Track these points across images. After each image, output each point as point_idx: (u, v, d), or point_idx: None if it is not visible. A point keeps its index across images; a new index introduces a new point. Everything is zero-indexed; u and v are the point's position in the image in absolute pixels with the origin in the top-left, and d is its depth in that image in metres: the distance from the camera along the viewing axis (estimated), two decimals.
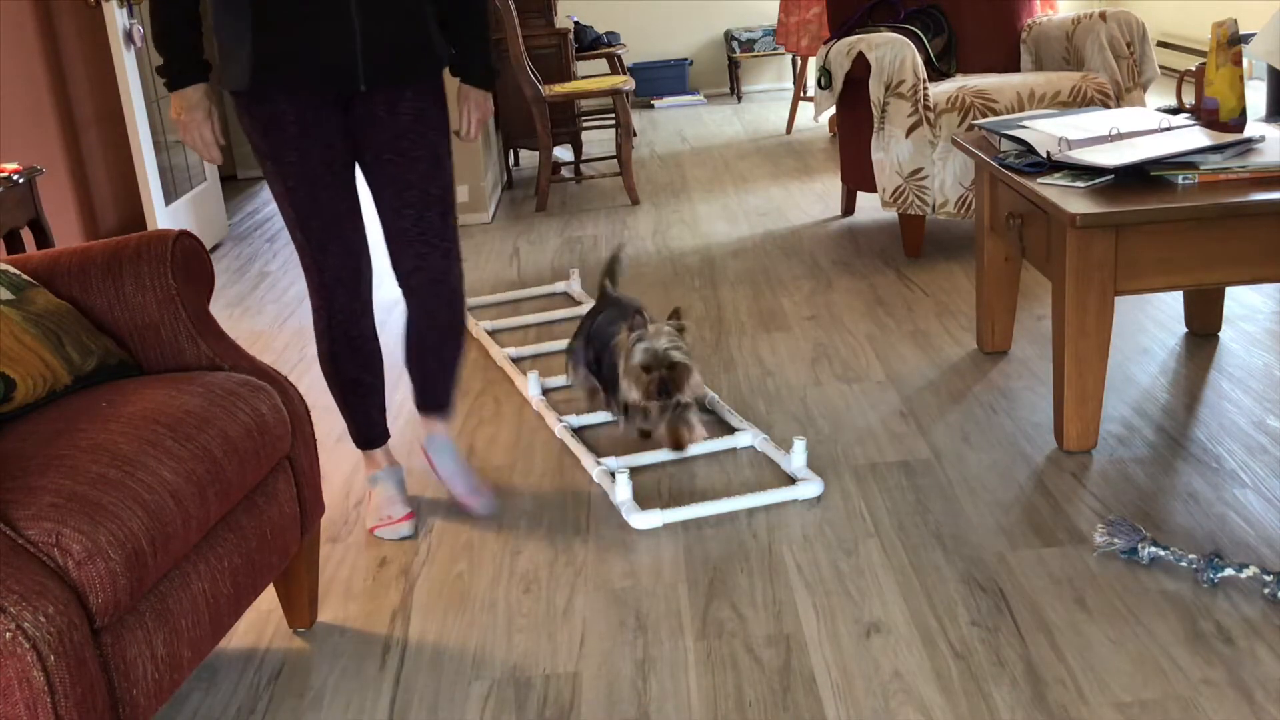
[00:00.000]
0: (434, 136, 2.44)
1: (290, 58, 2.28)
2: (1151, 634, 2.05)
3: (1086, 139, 2.85)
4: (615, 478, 2.66)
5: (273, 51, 2.27)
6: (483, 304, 4.19)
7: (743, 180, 5.86)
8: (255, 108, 2.33)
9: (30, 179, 3.70)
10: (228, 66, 2.31)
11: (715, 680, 2.03)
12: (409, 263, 2.48)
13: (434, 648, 2.20)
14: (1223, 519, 2.40)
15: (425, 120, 2.43)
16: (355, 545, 2.59)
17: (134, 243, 2.15)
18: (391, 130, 2.41)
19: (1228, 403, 2.93)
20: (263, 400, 2.03)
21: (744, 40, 8.43)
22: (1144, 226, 2.54)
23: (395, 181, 2.43)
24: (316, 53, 2.29)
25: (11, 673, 1.47)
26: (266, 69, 2.28)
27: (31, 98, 4.40)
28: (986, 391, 3.12)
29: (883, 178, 4.16)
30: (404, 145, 2.42)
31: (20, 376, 1.91)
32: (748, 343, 3.60)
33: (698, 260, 4.53)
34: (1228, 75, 2.92)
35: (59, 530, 1.56)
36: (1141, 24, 4.30)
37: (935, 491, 2.61)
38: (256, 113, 2.33)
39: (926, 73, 4.19)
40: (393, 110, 2.40)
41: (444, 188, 2.47)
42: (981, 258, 3.27)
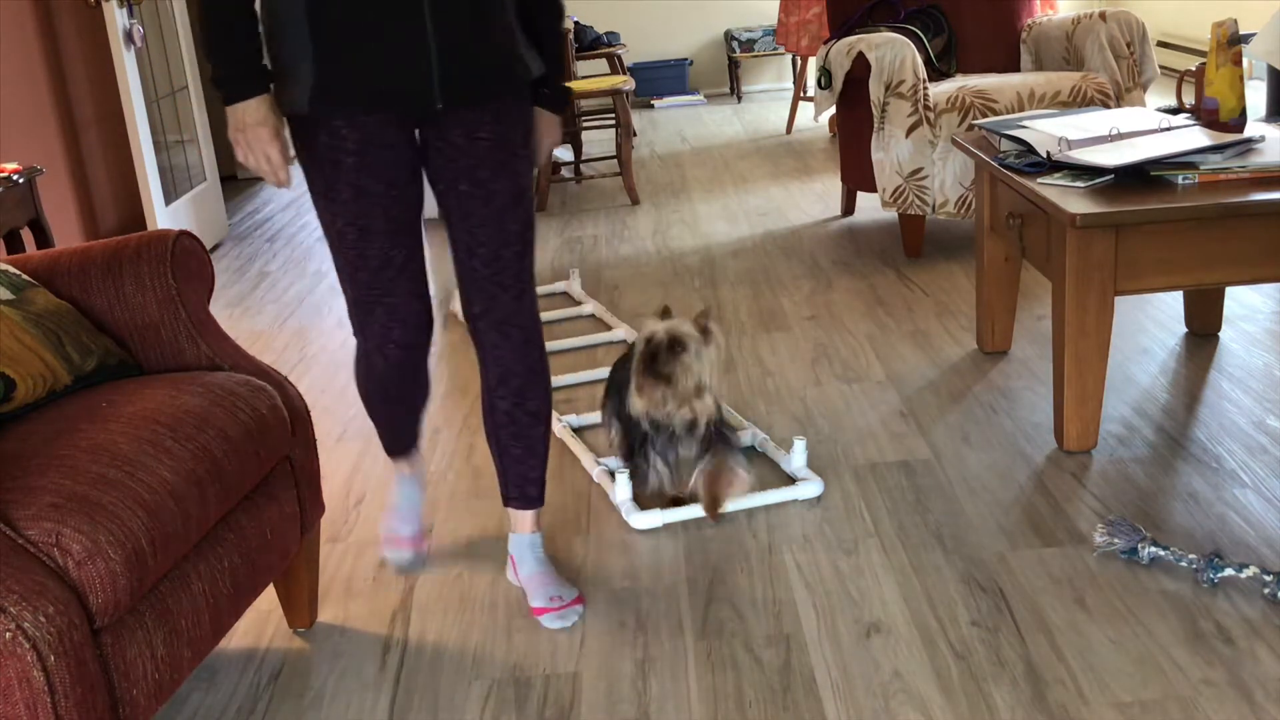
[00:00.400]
0: (517, 166, 2.13)
1: (357, 75, 1.97)
2: (1151, 634, 2.05)
3: (1086, 139, 2.85)
4: (615, 478, 2.66)
5: (337, 68, 1.97)
6: None
7: (743, 180, 5.86)
8: (313, 134, 2.02)
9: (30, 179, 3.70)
10: (284, 86, 2.01)
11: (715, 680, 2.03)
12: (477, 304, 2.17)
13: (434, 648, 2.20)
14: (1223, 519, 2.40)
15: (507, 147, 2.11)
16: (355, 545, 2.59)
17: (134, 243, 2.15)
18: (469, 159, 2.09)
19: (1228, 403, 2.93)
20: (263, 400, 2.03)
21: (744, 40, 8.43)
22: (1144, 226, 2.54)
23: (469, 217, 2.12)
24: (388, 67, 1.98)
25: (11, 673, 1.47)
26: (329, 89, 1.98)
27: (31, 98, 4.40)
28: (986, 391, 3.12)
29: (883, 178, 4.16)
30: (482, 176, 2.10)
31: (20, 376, 1.91)
32: (748, 343, 3.60)
33: (698, 260, 4.53)
34: (1228, 75, 2.92)
35: (59, 530, 1.56)
36: (1141, 24, 4.31)
37: (935, 491, 2.61)
38: (313, 140, 2.02)
39: (926, 73, 4.19)
40: (471, 136, 2.08)
41: (523, 224, 2.15)
42: (981, 258, 3.27)
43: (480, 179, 2.10)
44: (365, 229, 2.05)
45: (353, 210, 2.04)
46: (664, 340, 2.34)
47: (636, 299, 4.11)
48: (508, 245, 2.14)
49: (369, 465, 2.97)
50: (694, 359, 2.37)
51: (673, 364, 2.36)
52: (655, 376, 2.37)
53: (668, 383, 2.36)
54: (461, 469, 2.90)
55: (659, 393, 2.38)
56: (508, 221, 2.13)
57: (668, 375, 2.35)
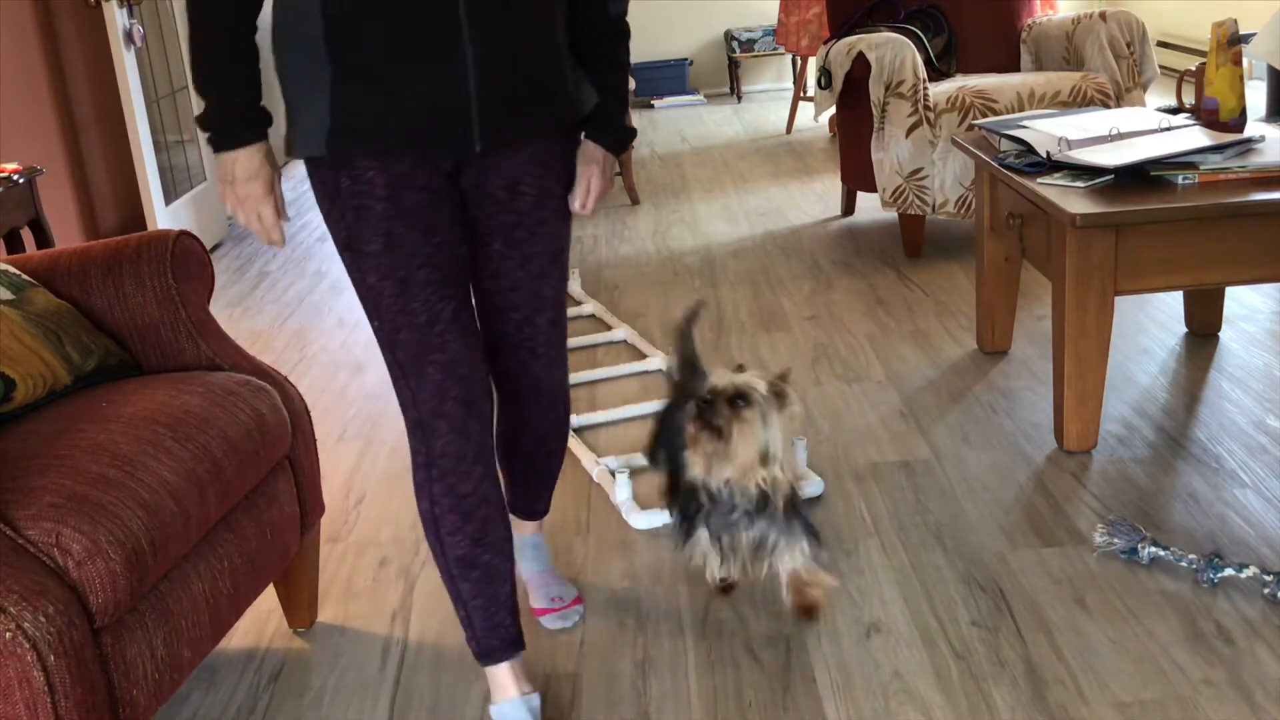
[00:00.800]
0: (556, 225, 1.90)
1: (384, 110, 1.68)
2: (1151, 634, 2.05)
3: (1086, 139, 2.85)
4: (615, 477, 2.66)
5: (359, 104, 1.68)
6: None
7: (743, 180, 5.86)
8: (332, 178, 1.73)
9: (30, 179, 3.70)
10: (297, 125, 1.72)
11: (715, 680, 2.03)
12: (505, 366, 1.99)
13: (434, 648, 2.20)
14: (1223, 519, 2.40)
15: (548, 205, 1.88)
16: (355, 545, 2.59)
17: (134, 243, 2.15)
18: (508, 215, 1.86)
19: (1228, 403, 2.93)
20: (263, 400, 2.03)
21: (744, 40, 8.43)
22: (1144, 226, 2.54)
23: (500, 278, 1.90)
24: (419, 101, 1.68)
25: (11, 673, 1.47)
26: (350, 128, 1.69)
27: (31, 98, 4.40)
28: (986, 391, 3.12)
29: (883, 178, 4.16)
30: (519, 236, 1.87)
31: (20, 376, 1.91)
32: (748, 343, 3.60)
33: (698, 260, 4.53)
34: (1228, 75, 2.92)
35: (59, 530, 1.56)
36: (1141, 24, 4.31)
37: (935, 491, 2.61)
38: (333, 185, 1.73)
39: (926, 73, 4.19)
40: (513, 189, 1.84)
41: (558, 287, 1.95)
42: (981, 258, 3.27)
43: (517, 239, 1.87)
44: (404, 281, 1.75)
45: (386, 263, 1.74)
46: (727, 391, 2.00)
47: (636, 299, 4.11)
48: (541, 311, 1.94)
49: (369, 465, 2.97)
50: (757, 419, 2.00)
51: (729, 419, 1.99)
52: (707, 427, 2.00)
53: (718, 437, 2.00)
54: None
55: (710, 448, 2.02)
56: (543, 286, 1.92)
57: (719, 429, 1.99)
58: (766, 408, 2.01)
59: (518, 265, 1.89)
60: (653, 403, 3.14)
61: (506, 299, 1.92)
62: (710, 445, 2.01)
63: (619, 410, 3.12)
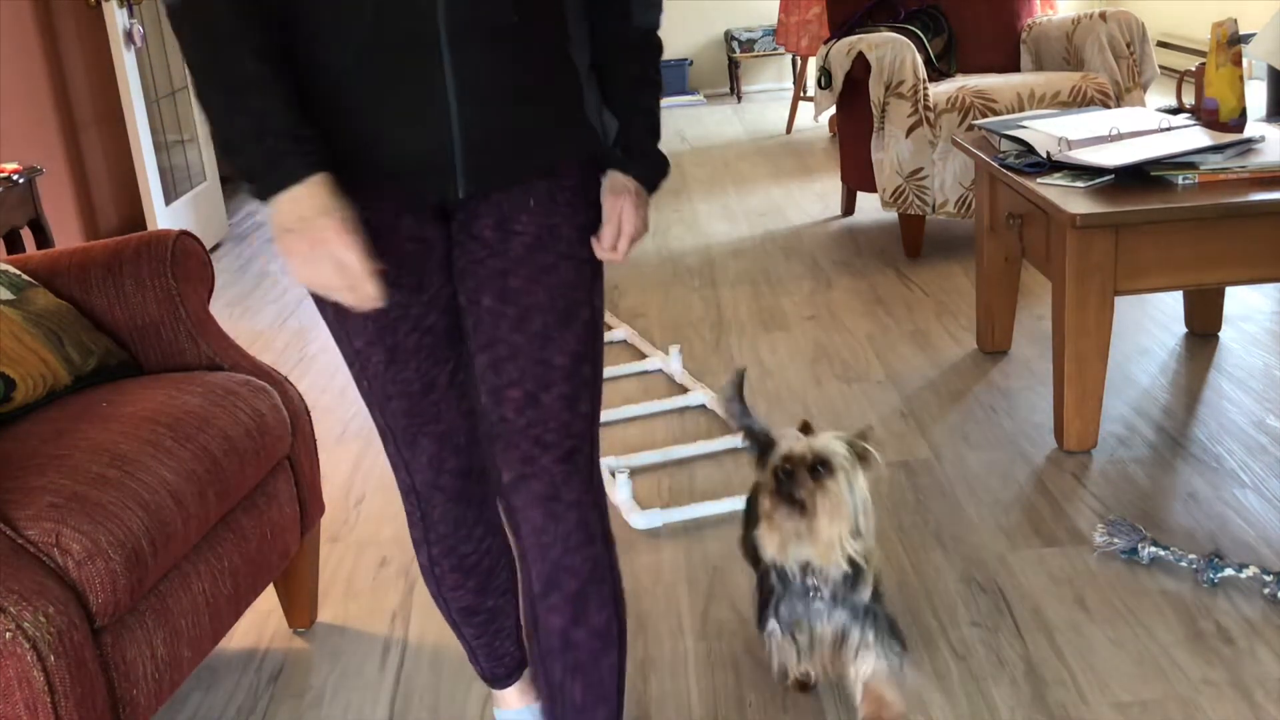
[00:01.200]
0: (567, 273, 1.50)
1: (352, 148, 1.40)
2: (1151, 634, 2.05)
3: (1086, 139, 2.85)
4: (615, 478, 2.66)
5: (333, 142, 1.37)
6: None
7: (743, 180, 5.86)
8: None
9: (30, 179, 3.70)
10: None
11: (715, 680, 2.03)
12: (508, 469, 1.51)
13: (434, 648, 2.20)
14: (1223, 519, 2.40)
15: (553, 247, 1.49)
16: (355, 545, 2.59)
17: (134, 243, 2.15)
18: (498, 261, 1.49)
19: (1228, 403, 2.93)
20: (263, 400, 2.03)
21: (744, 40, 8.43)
22: (1144, 226, 2.54)
23: (494, 345, 1.50)
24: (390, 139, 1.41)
25: (11, 673, 1.47)
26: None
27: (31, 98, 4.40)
28: (986, 391, 3.12)
29: (883, 178, 4.16)
30: (513, 286, 1.48)
31: (20, 376, 1.91)
32: (748, 343, 3.60)
33: (698, 260, 4.53)
34: (1228, 75, 2.92)
35: (59, 530, 1.56)
36: (1141, 24, 4.31)
37: (935, 491, 2.61)
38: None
39: (926, 73, 4.19)
40: (505, 228, 1.48)
41: (574, 355, 1.51)
42: (981, 258, 3.27)
43: (510, 291, 1.48)
44: (394, 349, 1.51)
45: (372, 327, 1.50)
46: (806, 458, 1.73)
47: (636, 299, 4.11)
48: (549, 386, 1.50)
49: (369, 465, 2.97)
50: (843, 489, 1.74)
51: (812, 490, 1.73)
52: (789, 502, 1.73)
53: (801, 513, 1.73)
54: None
55: (791, 525, 1.74)
56: (550, 352, 1.49)
57: (801, 503, 1.72)
58: (851, 473, 1.75)
59: (513, 325, 1.48)
60: (652, 402, 3.15)
61: (503, 373, 1.50)
62: (790, 522, 1.74)
63: (619, 410, 3.12)
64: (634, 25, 1.53)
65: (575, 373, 1.51)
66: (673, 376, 3.34)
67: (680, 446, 2.89)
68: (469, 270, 1.51)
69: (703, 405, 3.15)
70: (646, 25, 1.55)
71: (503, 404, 1.51)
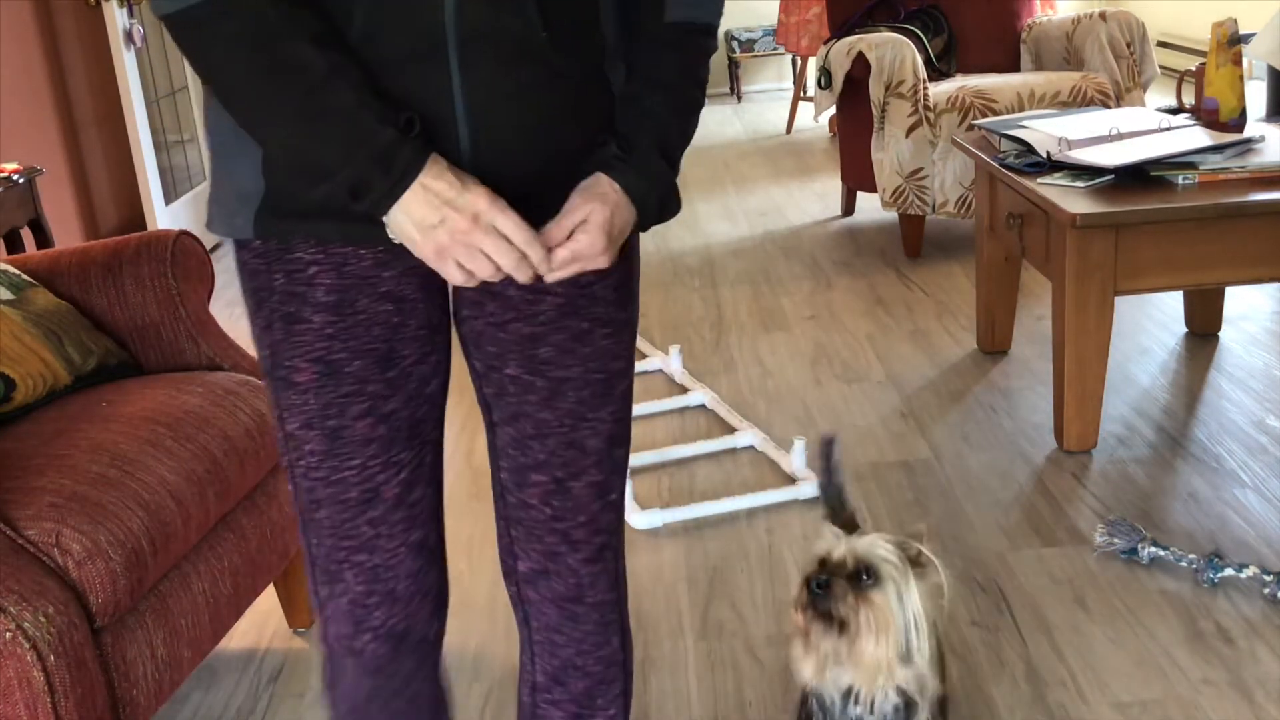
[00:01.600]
0: (603, 340, 1.27)
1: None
2: (1151, 634, 2.05)
3: (1086, 139, 2.85)
4: None
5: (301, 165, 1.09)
6: None
7: (743, 180, 5.86)
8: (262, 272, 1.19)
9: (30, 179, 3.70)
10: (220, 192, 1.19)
11: (715, 680, 2.03)
12: (527, 559, 1.32)
13: None
14: (1223, 519, 2.40)
15: (589, 308, 1.26)
16: None
17: (134, 243, 2.15)
18: (525, 325, 1.24)
19: (1228, 403, 2.93)
20: (263, 400, 2.03)
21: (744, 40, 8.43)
22: (1144, 226, 2.54)
23: (518, 420, 1.28)
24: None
25: (11, 673, 1.47)
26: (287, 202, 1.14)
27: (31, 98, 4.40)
28: (986, 391, 3.12)
29: (883, 178, 4.16)
30: (544, 356, 1.25)
31: (20, 376, 1.91)
32: (748, 343, 3.60)
33: (698, 260, 4.53)
34: (1228, 75, 2.92)
35: (59, 530, 1.56)
36: (1141, 24, 4.31)
37: (935, 491, 2.61)
38: (263, 282, 1.19)
39: (926, 73, 4.19)
40: (532, 287, 1.22)
41: (610, 437, 1.29)
42: (981, 258, 3.27)
43: (540, 362, 1.25)
44: (336, 435, 1.19)
45: (314, 403, 1.19)
46: (846, 564, 1.47)
47: None
48: (582, 474, 1.28)
49: None
50: (891, 602, 1.46)
51: (853, 605, 1.45)
52: (825, 619, 1.46)
53: (842, 630, 1.45)
54: (461, 469, 2.90)
55: (829, 645, 1.46)
56: (583, 434, 1.27)
57: (842, 619, 1.45)
58: (902, 584, 1.47)
59: (543, 401, 1.26)
60: (652, 402, 3.15)
61: (529, 453, 1.28)
62: (828, 642, 1.46)
63: None
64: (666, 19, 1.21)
65: (609, 457, 1.29)
66: (673, 376, 3.34)
67: (680, 446, 2.89)
68: (488, 335, 1.26)
69: (702, 405, 3.15)
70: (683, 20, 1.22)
71: (525, 488, 1.29)
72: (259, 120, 1.07)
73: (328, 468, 1.20)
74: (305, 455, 1.21)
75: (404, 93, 1.08)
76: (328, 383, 1.19)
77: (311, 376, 1.18)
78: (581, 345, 1.25)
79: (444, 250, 1.07)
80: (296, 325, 1.18)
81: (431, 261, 1.09)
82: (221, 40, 1.03)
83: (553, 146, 1.14)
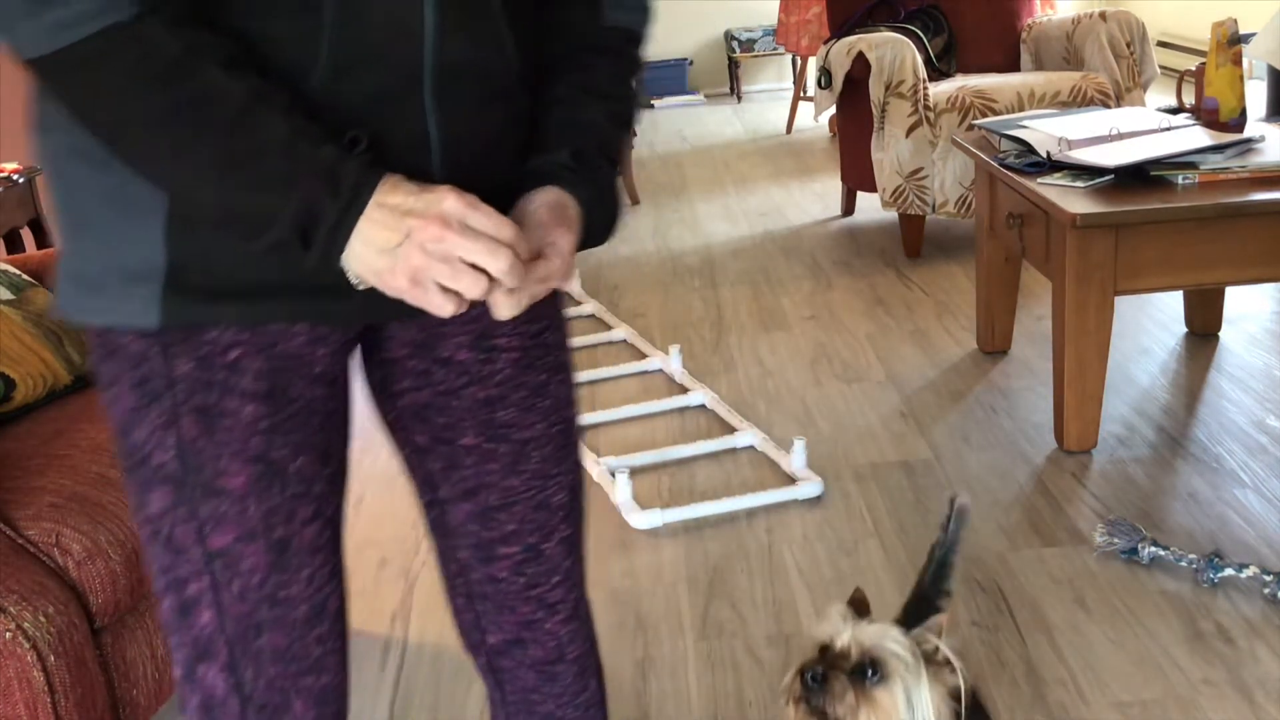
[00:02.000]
0: (560, 389, 1.17)
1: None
2: (1151, 634, 2.05)
3: (1086, 139, 2.85)
4: (615, 477, 2.66)
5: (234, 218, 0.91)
6: None
7: (743, 180, 5.86)
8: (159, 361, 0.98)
9: (30, 179, 3.70)
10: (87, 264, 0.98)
11: (715, 680, 2.03)
12: (498, 631, 1.22)
13: (434, 648, 2.20)
14: (1223, 519, 2.40)
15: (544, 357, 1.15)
16: (355, 545, 2.59)
17: None
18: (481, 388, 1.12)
19: (1228, 403, 2.93)
20: None
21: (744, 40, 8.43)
22: (1144, 226, 2.54)
23: (481, 492, 1.15)
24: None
25: (11, 673, 1.47)
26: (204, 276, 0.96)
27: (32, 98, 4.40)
28: (986, 391, 3.12)
29: (883, 178, 4.16)
30: (502, 420, 1.13)
31: (20, 376, 1.91)
32: (748, 343, 3.60)
33: (698, 260, 4.53)
34: (1228, 75, 2.92)
35: (59, 530, 1.56)
36: (1141, 24, 4.31)
37: (935, 491, 2.61)
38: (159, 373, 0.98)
39: (926, 73, 4.19)
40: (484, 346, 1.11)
41: (573, 488, 1.20)
42: (981, 258, 3.27)
43: (502, 425, 1.13)
44: (283, 546, 1.02)
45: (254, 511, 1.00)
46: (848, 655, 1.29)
47: (636, 299, 4.11)
48: (553, 533, 1.19)
49: (369, 465, 2.97)
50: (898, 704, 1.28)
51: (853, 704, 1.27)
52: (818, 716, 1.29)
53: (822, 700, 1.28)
54: None
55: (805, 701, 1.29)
56: (550, 491, 1.18)
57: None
58: (912, 683, 1.29)
59: (507, 468, 1.14)
60: (652, 402, 3.15)
61: (494, 526, 1.16)
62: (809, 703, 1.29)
63: (619, 410, 3.12)
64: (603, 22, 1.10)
65: (574, 507, 1.20)
66: (673, 376, 3.34)
67: (680, 446, 2.89)
68: (437, 405, 1.12)
69: (702, 405, 3.15)
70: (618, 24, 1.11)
71: (494, 562, 1.18)
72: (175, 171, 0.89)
73: (273, 584, 1.02)
74: (242, 574, 1.01)
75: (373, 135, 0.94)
76: (271, 485, 1.01)
77: (248, 480, 1.00)
78: (541, 399, 1.15)
79: (420, 274, 0.89)
80: (221, 420, 0.98)
81: (408, 294, 0.91)
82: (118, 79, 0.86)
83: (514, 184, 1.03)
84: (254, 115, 0.87)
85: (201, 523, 1.00)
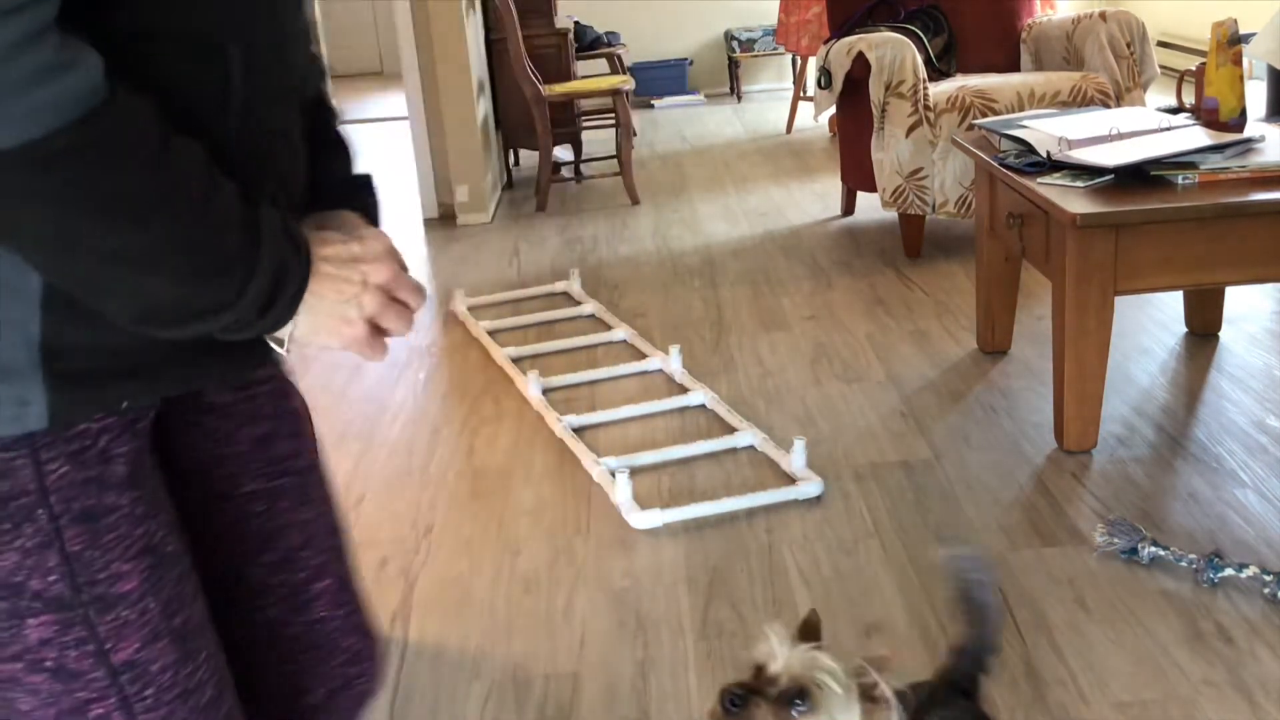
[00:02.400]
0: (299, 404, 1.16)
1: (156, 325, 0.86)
2: (1151, 634, 2.05)
3: (1086, 139, 2.85)
4: (615, 477, 2.66)
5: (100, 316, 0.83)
6: (483, 304, 4.19)
7: (743, 180, 5.86)
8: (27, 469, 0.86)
9: None
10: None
11: (715, 680, 2.03)
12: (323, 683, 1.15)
13: (434, 648, 2.20)
14: (1223, 519, 2.40)
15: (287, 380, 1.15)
16: (355, 545, 2.59)
17: None
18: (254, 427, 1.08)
19: (1228, 403, 2.93)
20: None
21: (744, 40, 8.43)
22: (1144, 226, 2.54)
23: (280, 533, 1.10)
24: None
25: None
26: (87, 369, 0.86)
27: None
28: (986, 391, 3.12)
29: (883, 178, 4.16)
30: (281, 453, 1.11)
31: None
32: (748, 343, 3.60)
33: (698, 260, 4.53)
34: (1228, 75, 2.92)
35: None
36: (1141, 24, 4.31)
37: (935, 491, 2.61)
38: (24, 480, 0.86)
39: (926, 73, 4.19)
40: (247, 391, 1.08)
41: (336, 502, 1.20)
42: (981, 258, 3.27)
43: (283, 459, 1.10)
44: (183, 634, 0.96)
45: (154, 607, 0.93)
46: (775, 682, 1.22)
47: (636, 299, 4.11)
48: (343, 556, 1.18)
49: (369, 465, 2.97)
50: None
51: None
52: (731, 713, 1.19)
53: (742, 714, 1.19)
54: (462, 469, 2.90)
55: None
56: (332, 514, 1.17)
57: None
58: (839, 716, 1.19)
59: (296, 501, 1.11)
60: (652, 402, 3.15)
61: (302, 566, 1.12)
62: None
63: (619, 410, 3.12)
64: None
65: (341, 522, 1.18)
66: (673, 376, 3.35)
67: (680, 446, 2.89)
68: (214, 457, 1.05)
69: (702, 405, 3.15)
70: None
71: (312, 606, 1.11)
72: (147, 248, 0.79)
73: (184, 677, 0.94)
74: (155, 678, 0.92)
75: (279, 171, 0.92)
76: (163, 574, 0.92)
77: (140, 577, 0.91)
78: (303, 423, 1.12)
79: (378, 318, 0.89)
80: (103, 520, 0.89)
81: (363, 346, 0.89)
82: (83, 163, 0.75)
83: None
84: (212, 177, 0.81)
85: (101, 641, 0.90)
